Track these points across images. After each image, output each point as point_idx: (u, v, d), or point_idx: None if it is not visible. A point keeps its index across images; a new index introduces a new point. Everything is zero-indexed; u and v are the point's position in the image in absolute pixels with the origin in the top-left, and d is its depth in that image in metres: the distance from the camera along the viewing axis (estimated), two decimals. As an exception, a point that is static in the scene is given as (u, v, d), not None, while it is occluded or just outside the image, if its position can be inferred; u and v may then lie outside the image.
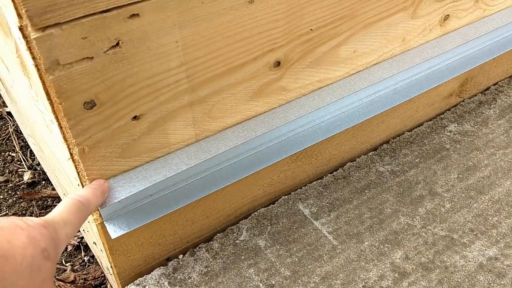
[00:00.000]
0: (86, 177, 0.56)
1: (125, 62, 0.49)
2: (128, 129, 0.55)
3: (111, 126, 0.53)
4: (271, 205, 0.83)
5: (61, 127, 0.52)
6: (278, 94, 0.69)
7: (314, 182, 0.86)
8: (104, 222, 0.60)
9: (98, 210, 0.59)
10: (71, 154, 0.55)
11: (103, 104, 0.51)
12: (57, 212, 0.48)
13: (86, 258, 0.95)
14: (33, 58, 0.46)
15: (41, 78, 0.48)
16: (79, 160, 0.54)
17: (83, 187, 0.59)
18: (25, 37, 0.44)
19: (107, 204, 0.56)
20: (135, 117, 0.54)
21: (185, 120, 0.60)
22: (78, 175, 0.57)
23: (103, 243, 0.65)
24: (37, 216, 0.99)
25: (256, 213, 0.81)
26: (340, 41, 0.69)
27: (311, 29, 0.64)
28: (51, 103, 0.50)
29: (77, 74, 0.47)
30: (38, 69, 0.47)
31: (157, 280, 0.71)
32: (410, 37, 0.79)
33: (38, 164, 1.14)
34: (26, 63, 0.53)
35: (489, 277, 0.69)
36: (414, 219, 0.78)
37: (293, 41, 0.63)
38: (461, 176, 0.85)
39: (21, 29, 0.43)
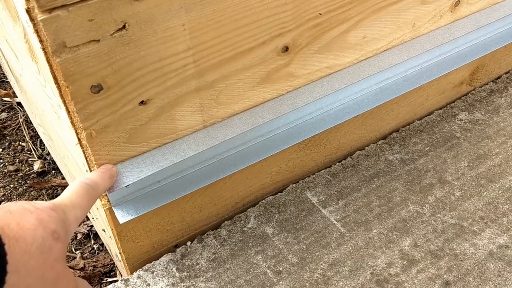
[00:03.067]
0: (94, 162, 0.56)
1: (132, 45, 0.49)
2: (136, 114, 0.54)
3: (118, 111, 0.53)
4: (279, 193, 0.82)
5: (68, 112, 0.52)
6: (286, 80, 0.68)
7: (323, 171, 0.86)
8: (113, 208, 0.60)
9: (106, 195, 0.60)
10: (79, 139, 0.55)
11: (110, 88, 0.50)
12: (65, 195, 0.48)
13: (95, 246, 0.95)
14: (40, 41, 0.46)
15: (48, 61, 0.48)
16: (87, 145, 0.54)
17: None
18: (32, 19, 0.44)
19: (114, 189, 0.56)
20: (142, 102, 0.54)
21: (192, 106, 0.60)
22: (86, 160, 0.57)
23: (112, 229, 0.66)
24: (47, 205, 1.00)
25: (264, 201, 0.81)
26: (349, 26, 0.68)
27: (319, 14, 0.63)
28: (59, 87, 0.50)
29: (84, 57, 0.47)
30: (45, 52, 0.47)
31: (165, 266, 0.71)
32: (421, 23, 0.78)
33: (48, 153, 1.15)
34: (33, 48, 0.53)
35: (500, 265, 0.69)
36: (424, 207, 0.77)
37: (301, 26, 0.62)
38: (471, 164, 0.84)
39: (28, 11, 0.43)
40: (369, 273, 0.68)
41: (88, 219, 0.96)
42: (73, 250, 0.93)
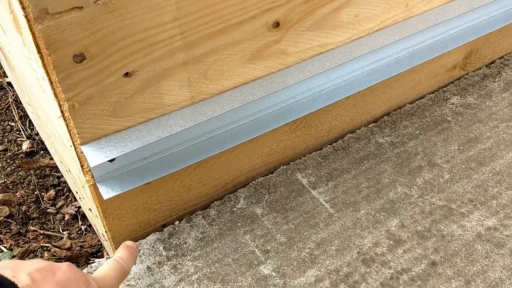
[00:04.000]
0: (77, 136, 0.55)
1: (116, 14, 0.48)
2: (120, 86, 0.53)
3: (102, 82, 0.52)
4: (270, 174, 0.82)
5: (51, 83, 0.51)
6: (277, 57, 0.67)
7: (314, 153, 0.85)
8: (97, 183, 0.59)
9: (90, 171, 0.59)
10: (61, 112, 0.54)
11: (93, 58, 0.49)
12: (106, 278, 0.56)
13: (83, 227, 0.94)
14: (23, 8, 0.45)
15: (31, 29, 0.47)
16: (70, 118, 0.53)
17: (75, 149, 0.58)
18: (12, -17, 0.42)
19: (97, 163, 0.55)
20: (127, 74, 0.53)
21: (180, 80, 0.59)
22: (70, 134, 0.56)
23: (97, 206, 0.65)
24: (35, 185, 0.99)
25: (254, 182, 0.80)
26: (342, 3, 0.67)
27: (310, -11, 0.62)
28: (41, 57, 0.49)
29: (67, 25, 0.46)
30: (27, 20, 0.46)
31: (152, 245, 0.71)
32: (414, 3, 0.77)
33: (37, 134, 1.13)
34: (17, 17, 0.52)
35: (487, 247, 0.68)
36: (412, 189, 0.77)
37: (293, 1, 0.61)
38: (461, 147, 0.84)
39: (8, -26, 0.42)
40: (355, 252, 0.68)
41: (75, 199, 0.96)
42: (60, 230, 0.93)
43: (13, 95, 1.23)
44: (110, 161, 0.57)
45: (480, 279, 0.65)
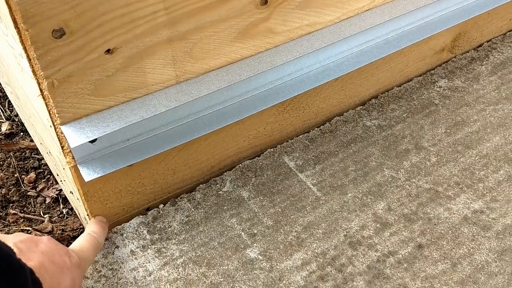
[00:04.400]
0: (57, 115, 0.53)
1: (97, -14, 0.45)
2: (101, 63, 0.51)
3: (82, 59, 0.49)
4: (256, 157, 0.81)
5: (29, 59, 0.49)
6: (265, 36, 0.65)
7: (301, 136, 0.84)
8: (78, 165, 0.57)
9: (71, 152, 0.57)
10: (41, 90, 0.51)
11: (74, 33, 0.47)
12: (83, 251, 0.59)
13: (64, 211, 0.92)
14: (-4, -21, 0.42)
15: (7, 2, 0.44)
16: (49, 96, 0.51)
17: (55, 129, 0.56)
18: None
19: (78, 143, 0.53)
20: (108, 51, 0.51)
21: (164, 58, 0.56)
22: (49, 114, 0.54)
23: (78, 189, 0.63)
24: (14, 168, 0.96)
25: (240, 165, 0.79)
26: (331, -19, 0.65)
27: (300, -35, 0.60)
28: (19, 32, 0.47)
29: (44, -3, 0.43)
30: (2, -8, 0.43)
31: (136, 228, 0.69)
32: (404, -17, 0.76)
33: (16, 115, 1.10)
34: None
35: (474, 229, 0.69)
36: (399, 172, 0.76)
37: (280, -22, 0.59)
38: (448, 131, 0.84)
39: None
40: (342, 235, 0.68)
41: (56, 182, 0.93)
42: (41, 213, 0.90)
43: (-10, 75, 1.18)
44: (92, 142, 0.55)
45: (466, 261, 0.65)
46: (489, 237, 0.68)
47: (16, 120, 1.09)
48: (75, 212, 0.89)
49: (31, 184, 0.95)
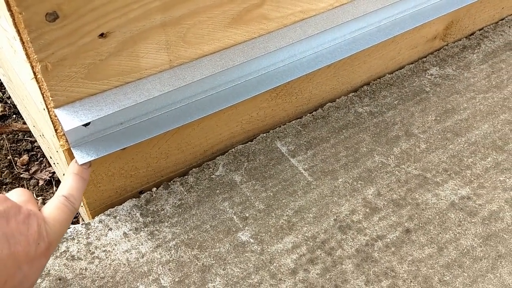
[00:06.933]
0: (51, 99, 0.53)
1: (90, -30, 0.45)
2: (95, 47, 0.51)
3: (76, 43, 0.49)
4: (249, 142, 0.81)
5: (23, 42, 0.49)
6: (258, 22, 0.65)
7: (293, 121, 0.85)
8: (71, 148, 0.58)
9: (64, 135, 0.57)
10: (34, 73, 0.52)
11: (67, 17, 0.47)
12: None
13: (58, 193, 0.93)
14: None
15: (-1, -15, 0.44)
16: (42, 79, 0.51)
17: (49, 112, 0.56)
18: None
19: (72, 127, 0.54)
20: (102, 35, 0.51)
21: (157, 43, 0.57)
22: (43, 97, 0.54)
23: (72, 172, 0.63)
24: (7, 150, 0.96)
25: (233, 149, 0.80)
26: (325, -32, 0.66)
27: (294, -49, 0.60)
28: (12, 15, 0.47)
29: (37, -20, 0.43)
30: (-6, -26, 0.43)
31: (129, 211, 0.70)
32: (398, -30, 0.76)
33: (9, 97, 1.10)
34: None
35: (460, 215, 0.70)
36: (389, 158, 0.78)
37: (274, -37, 0.59)
38: (438, 118, 0.85)
39: None
40: (332, 220, 0.69)
41: (49, 165, 0.94)
42: (35, 196, 0.91)
43: (-18, 57, 1.17)
44: (85, 125, 0.56)
45: (452, 246, 0.67)
46: (475, 222, 0.69)
47: (9, 102, 1.09)
48: (68, 194, 0.90)
49: (24, 167, 0.95)
